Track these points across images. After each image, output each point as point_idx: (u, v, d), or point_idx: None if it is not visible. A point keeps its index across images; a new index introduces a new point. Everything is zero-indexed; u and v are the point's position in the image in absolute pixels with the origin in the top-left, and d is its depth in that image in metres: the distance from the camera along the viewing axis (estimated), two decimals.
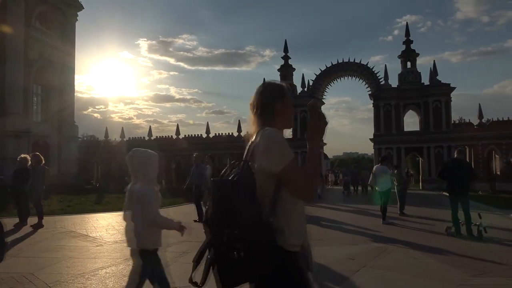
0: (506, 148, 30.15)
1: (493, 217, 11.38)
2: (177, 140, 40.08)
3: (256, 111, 2.02)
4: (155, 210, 3.33)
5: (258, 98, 2.03)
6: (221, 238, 1.70)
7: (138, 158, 3.31)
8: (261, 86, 2.09)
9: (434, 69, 33.14)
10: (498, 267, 5.86)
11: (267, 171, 1.79)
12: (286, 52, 38.22)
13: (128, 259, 6.53)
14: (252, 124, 2.04)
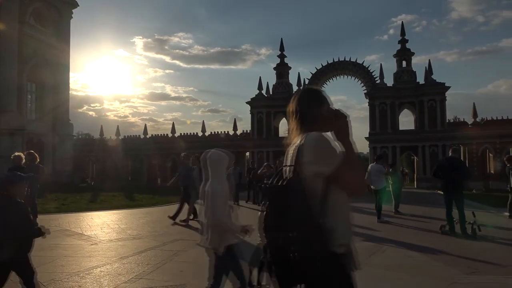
0: (500, 147, 30.36)
1: (487, 216, 11.46)
2: (173, 138, 39.97)
3: (296, 117, 2.07)
4: (223, 211, 3.37)
5: (299, 103, 2.09)
6: (276, 241, 1.79)
7: (211, 159, 3.46)
8: (300, 91, 2.16)
9: (429, 68, 33.28)
10: (491, 265, 5.90)
11: (318, 174, 1.84)
12: (282, 51, 38.22)
13: (123, 257, 6.53)
14: (292, 130, 2.10)
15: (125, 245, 7.67)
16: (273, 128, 37.77)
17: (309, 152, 1.86)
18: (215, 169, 3.45)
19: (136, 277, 5.31)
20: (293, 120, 2.10)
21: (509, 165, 11.72)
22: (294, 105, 2.10)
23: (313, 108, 2.04)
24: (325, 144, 1.86)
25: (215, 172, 3.44)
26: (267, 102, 37.16)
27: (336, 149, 1.86)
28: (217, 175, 3.43)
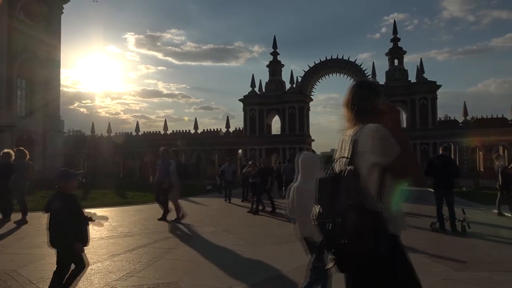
0: (490, 145, 30.74)
1: (477, 213, 11.61)
2: (165, 135, 39.79)
3: (352, 108, 2.13)
4: None
5: (355, 95, 2.15)
6: (325, 227, 1.89)
7: (305, 160, 3.72)
8: (357, 83, 2.23)
9: (421, 67, 33.53)
10: (481, 261, 5.98)
11: (376, 164, 1.91)
12: (275, 48, 38.19)
13: (114, 255, 6.49)
14: (347, 120, 2.16)
15: (116, 243, 7.63)
16: (266, 125, 37.78)
17: (368, 143, 1.93)
18: (308, 169, 3.67)
19: (127, 275, 5.28)
20: (347, 111, 2.16)
21: (498, 163, 11.87)
22: (349, 96, 2.17)
23: (368, 100, 2.09)
24: (384, 135, 1.91)
25: (308, 172, 3.65)
26: (259, 100, 37.13)
27: (393, 141, 1.91)
28: (311, 175, 3.58)
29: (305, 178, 3.65)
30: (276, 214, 12.35)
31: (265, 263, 5.93)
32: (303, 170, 3.71)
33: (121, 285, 4.83)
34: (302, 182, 3.67)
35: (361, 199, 1.87)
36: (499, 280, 5.04)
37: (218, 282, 4.97)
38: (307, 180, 3.58)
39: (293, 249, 7.02)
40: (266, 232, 9.04)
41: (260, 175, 12.99)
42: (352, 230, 1.81)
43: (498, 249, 7.04)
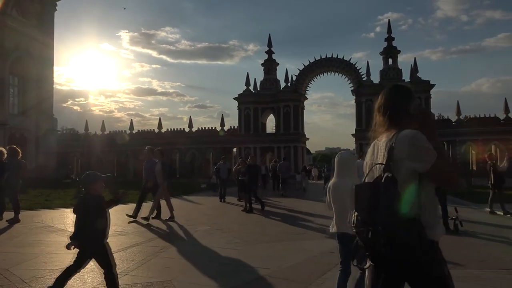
0: (483, 144, 30.99)
1: (469, 211, 11.71)
2: (159, 134, 39.65)
3: (386, 113, 2.12)
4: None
5: (389, 99, 2.15)
6: (365, 235, 1.87)
7: (343, 159, 3.89)
8: (391, 88, 2.22)
9: (415, 66, 33.72)
10: (473, 259, 6.04)
11: (414, 170, 1.91)
12: (270, 47, 38.17)
13: None
14: (379, 125, 2.16)
15: (109, 241, 7.56)
16: (261, 124, 37.78)
17: (405, 149, 1.92)
18: (347, 167, 3.85)
19: (121, 274, 5.26)
20: (380, 116, 2.16)
21: (490, 162, 11.97)
22: (383, 100, 2.17)
23: (403, 105, 2.10)
24: (422, 141, 1.91)
25: (347, 171, 3.83)
26: (254, 98, 37.12)
27: (431, 147, 1.91)
28: (347, 174, 3.81)
29: (341, 177, 3.80)
30: (270, 213, 12.36)
31: (259, 262, 5.94)
32: (340, 169, 3.85)
33: None
34: (339, 180, 3.81)
35: (400, 206, 1.85)
36: (491, 278, 5.10)
37: (212, 280, 4.96)
38: (344, 179, 3.75)
39: (287, 247, 7.05)
40: (260, 230, 9.05)
41: (248, 172, 12.85)
42: (394, 238, 1.80)
43: (489, 247, 7.11)
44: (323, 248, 6.95)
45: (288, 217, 11.38)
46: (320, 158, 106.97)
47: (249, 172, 12.82)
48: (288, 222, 10.27)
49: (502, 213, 11.17)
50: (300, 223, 10.13)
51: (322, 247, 7.04)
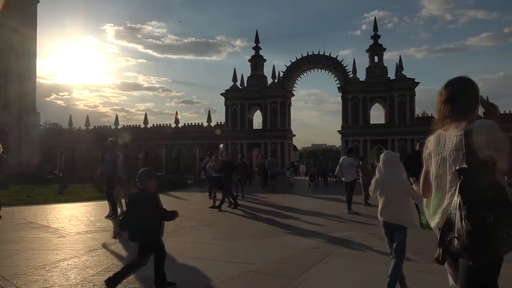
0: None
1: None
2: (145, 129, 39.27)
3: (452, 104, 2.20)
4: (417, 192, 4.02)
5: (460, 91, 2.21)
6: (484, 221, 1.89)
7: (389, 158, 4.36)
8: (460, 80, 2.27)
9: (400, 64, 34.11)
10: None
11: (492, 158, 1.96)
12: (257, 43, 38.10)
13: (91, 250, 6.39)
14: (446, 116, 2.24)
15: (94, 238, 7.51)
16: (248, 120, 37.76)
17: (483, 138, 1.98)
18: (392, 166, 4.30)
19: (105, 270, 5.22)
20: (448, 107, 2.23)
21: None
22: (452, 92, 2.23)
23: (473, 97, 2.18)
24: (497, 130, 1.99)
25: (392, 168, 4.28)
26: (241, 94, 37.06)
27: (505, 136, 1.98)
28: (394, 170, 4.27)
29: (388, 173, 4.28)
30: (256, 209, 12.40)
31: (246, 257, 5.97)
32: (387, 166, 4.31)
33: (98, 280, 4.77)
34: (386, 176, 4.28)
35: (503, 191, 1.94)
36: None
37: (198, 276, 4.97)
38: (390, 175, 4.26)
39: (273, 243, 7.09)
40: (246, 226, 9.08)
41: (224, 169, 12.45)
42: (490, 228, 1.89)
43: None
44: (308, 243, 7.01)
45: (274, 213, 11.43)
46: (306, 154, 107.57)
47: (224, 169, 12.47)
48: (275, 218, 10.32)
49: None
50: (286, 219, 10.19)
51: (307, 242, 7.11)
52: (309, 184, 23.54)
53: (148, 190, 4.21)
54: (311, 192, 19.48)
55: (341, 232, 8.08)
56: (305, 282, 4.72)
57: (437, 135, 2.27)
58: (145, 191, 4.20)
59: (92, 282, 4.71)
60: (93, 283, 4.68)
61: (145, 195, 4.17)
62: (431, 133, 2.36)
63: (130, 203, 4.27)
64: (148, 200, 4.13)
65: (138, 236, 4.19)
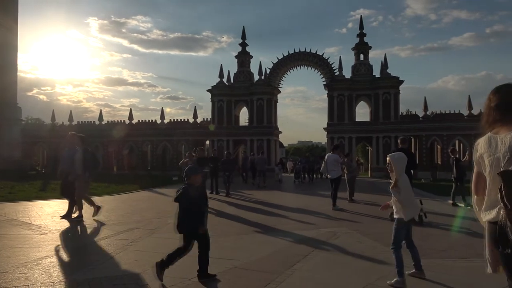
0: (447, 139, 32.25)
1: (433, 203, 12.20)
2: (130, 125, 38.79)
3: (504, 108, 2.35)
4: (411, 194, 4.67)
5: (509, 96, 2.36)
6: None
7: (398, 159, 4.67)
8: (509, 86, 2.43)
9: (385, 62, 34.48)
10: (435, 249, 6.32)
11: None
12: (244, 39, 37.97)
13: (75, 247, 6.30)
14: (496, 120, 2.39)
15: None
16: (234, 116, 37.67)
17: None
18: (400, 166, 4.60)
19: (88, 267, 5.16)
20: (498, 112, 2.37)
21: (453, 157, 12.50)
22: (502, 98, 2.37)
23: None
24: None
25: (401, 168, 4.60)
26: (228, 91, 36.93)
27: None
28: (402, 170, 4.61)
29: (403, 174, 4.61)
30: (241, 206, 12.41)
31: (230, 253, 5.98)
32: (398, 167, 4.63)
33: (82, 278, 4.72)
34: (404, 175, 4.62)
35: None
36: (452, 266, 5.36)
37: (183, 272, 4.96)
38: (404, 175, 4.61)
39: (258, 239, 7.12)
40: (231, 222, 9.09)
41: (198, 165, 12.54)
42: None
43: (451, 237, 7.45)
44: (292, 239, 7.06)
45: (259, 209, 11.47)
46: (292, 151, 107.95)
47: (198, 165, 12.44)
48: (260, 215, 10.36)
49: (464, 205, 11.71)
50: (271, 216, 10.24)
51: (292, 238, 7.16)
52: (294, 181, 23.64)
53: (194, 184, 4.64)
54: (296, 189, 19.60)
55: (325, 228, 8.17)
56: (290, 278, 4.76)
57: (488, 138, 2.42)
58: (191, 185, 4.63)
59: (75, 279, 4.65)
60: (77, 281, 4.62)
61: (193, 189, 4.61)
62: (479, 136, 2.53)
63: (181, 196, 4.57)
64: (196, 193, 4.61)
65: (184, 227, 4.57)
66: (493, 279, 4.66)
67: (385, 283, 4.59)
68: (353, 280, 4.70)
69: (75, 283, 4.50)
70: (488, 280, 4.66)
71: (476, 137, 9.13)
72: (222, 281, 4.63)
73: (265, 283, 4.51)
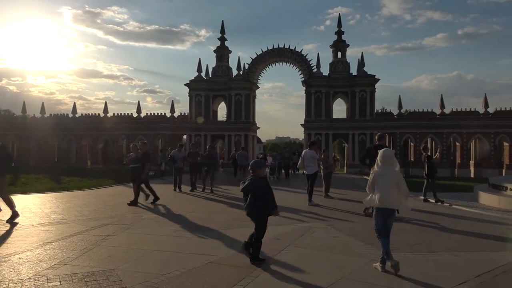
0: (420, 137, 33.16)
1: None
2: (105, 118, 37.95)
3: None
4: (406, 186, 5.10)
5: None
6: None
7: (386, 154, 5.12)
8: None
9: (362, 60, 35.03)
10: (406, 244, 6.50)
11: None
12: (222, 34, 37.73)
13: (45, 243, 6.15)
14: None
15: (48, 230, 7.23)
16: (212, 111, 37.45)
17: None
18: (388, 161, 5.08)
19: (60, 264, 5.04)
20: None
21: (425, 154, 12.86)
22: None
23: None
24: None
25: (388, 162, 5.07)
26: (206, 85, 36.66)
27: None
28: (390, 164, 5.06)
29: (385, 167, 5.05)
30: (219, 201, 12.37)
31: (207, 249, 5.97)
32: (385, 162, 5.06)
33: (52, 274, 4.60)
34: (384, 169, 5.05)
35: None
36: (421, 260, 5.52)
37: (157, 268, 4.91)
38: (387, 168, 5.04)
39: (235, 234, 7.12)
40: (209, 218, 9.06)
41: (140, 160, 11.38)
42: None
43: (421, 232, 7.68)
44: (268, 234, 7.07)
45: (236, 205, 11.47)
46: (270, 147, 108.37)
47: (142, 159, 11.39)
48: (236, 210, 10.37)
49: (434, 201, 12.08)
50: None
51: (267, 233, 7.17)
52: (269, 177, 23.06)
53: (259, 176, 5.26)
54: (272, 184, 19.65)
55: (301, 224, 8.27)
56: (265, 273, 4.79)
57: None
58: (257, 177, 5.23)
59: (45, 276, 4.54)
60: (47, 277, 4.51)
61: (259, 180, 5.20)
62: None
63: (248, 186, 5.17)
64: (262, 184, 5.19)
65: (254, 215, 5.17)
66: (461, 272, 4.86)
67: (358, 276, 4.70)
68: (327, 274, 4.78)
69: (45, 280, 4.39)
70: (456, 273, 4.85)
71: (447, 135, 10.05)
72: (197, 276, 4.62)
73: (240, 278, 4.53)
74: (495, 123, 31.93)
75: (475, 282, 4.53)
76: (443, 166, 29.68)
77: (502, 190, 11.99)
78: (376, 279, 4.64)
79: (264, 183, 5.25)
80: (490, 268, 5.05)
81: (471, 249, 6.21)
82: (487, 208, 10.79)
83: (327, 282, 4.46)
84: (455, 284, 4.43)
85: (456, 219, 9.17)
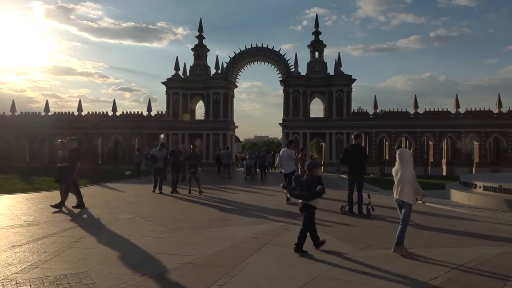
0: (395, 136, 33.93)
1: (380, 197, 12.79)
2: (79, 117, 36.99)
3: None
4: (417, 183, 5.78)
5: None
6: None
7: (404, 153, 5.98)
8: None
9: (339, 60, 35.48)
10: (380, 241, 6.63)
11: None
12: (200, 32, 37.41)
13: (15, 246, 5.96)
14: None
15: (18, 233, 6.99)
16: (190, 110, 37.12)
17: None
18: (408, 160, 5.86)
19: (30, 267, 4.88)
20: None
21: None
22: None
23: None
24: None
25: (408, 162, 5.85)
26: (184, 84, 36.29)
27: None
28: (408, 163, 5.84)
29: (403, 166, 5.80)
30: (196, 201, 12.28)
31: (183, 249, 5.91)
32: (403, 160, 5.84)
33: (22, 278, 4.45)
34: (403, 168, 5.80)
35: None
36: (394, 256, 5.65)
37: (132, 269, 4.83)
38: (405, 167, 5.78)
39: (212, 234, 7.10)
40: (185, 218, 8.99)
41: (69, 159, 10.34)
42: None
43: (395, 229, 7.83)
44: (246, 233, 7.11)
45: (213, 205, 11.43)
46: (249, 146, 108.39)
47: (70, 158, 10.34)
48: (214, 210, 10.33)
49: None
50: (225, 212, 10.24)
51: (245, 233, 7.20)
52: (245, 177, 22.59)
53: (314, 175, 6.04)
54: (248, 184, 19.61)
55: (279, 222, 8.31)
56: (242, 272, 4.79)
57: None
58: (312, 176, 6.03)
59: (15, 280, 4.39)
60: (16, 281, 4.36)
61: (314, 179, 5.96)
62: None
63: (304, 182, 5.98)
64: (315, 181, 5.91)
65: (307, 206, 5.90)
66: (434, 269, 5.01)
67: (333, 274, 4.76)
68: (304, 272, 4.82)
69: (15, 284, 4.24)
70: (429, 269, 4.99)
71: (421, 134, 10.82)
72: (173, 277, 4.57)
73: (217, 278, 4.51)
74: (466, 123, 33.03)
75: (446, 277, 4.67)
76: (417, 164, 30.45)
77: (472, 188, 12.41)
78: (350, 276, 4.72)
79: (319, 180, 5.98)
80: (460, 263, 5.22)
81: (442, 245, 6.40)
82: (458, 205, 11.15)
83: (303, 281, 4.50)
84: (428, 279, 4.55)
85: (428, 216, 9.43)
